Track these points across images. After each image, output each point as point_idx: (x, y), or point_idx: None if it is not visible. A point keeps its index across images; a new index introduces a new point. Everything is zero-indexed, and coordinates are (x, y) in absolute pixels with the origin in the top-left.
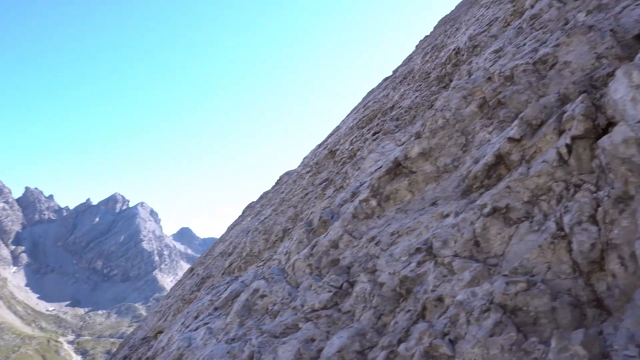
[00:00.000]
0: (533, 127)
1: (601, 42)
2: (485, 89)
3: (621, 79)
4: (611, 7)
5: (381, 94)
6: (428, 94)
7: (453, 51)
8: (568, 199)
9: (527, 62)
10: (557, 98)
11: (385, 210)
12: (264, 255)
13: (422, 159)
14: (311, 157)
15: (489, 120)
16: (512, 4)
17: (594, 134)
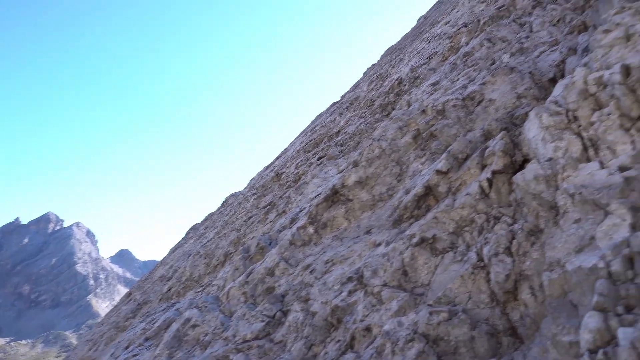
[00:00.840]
0: (459, 160)
1: (521, 83)
2: (420, 121)
3: (534, 119)
4: (531, 51)
5: (328, 118)
6: (372, 121)
7: (396, 81)
8: (488, 230)
9: (457, 98)
10: (481, 133)
11: (322, 237)
12: (204, 280)
13: (358, 187)
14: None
15: (422, 151)
16: (449, 41)
17: (511, 169)
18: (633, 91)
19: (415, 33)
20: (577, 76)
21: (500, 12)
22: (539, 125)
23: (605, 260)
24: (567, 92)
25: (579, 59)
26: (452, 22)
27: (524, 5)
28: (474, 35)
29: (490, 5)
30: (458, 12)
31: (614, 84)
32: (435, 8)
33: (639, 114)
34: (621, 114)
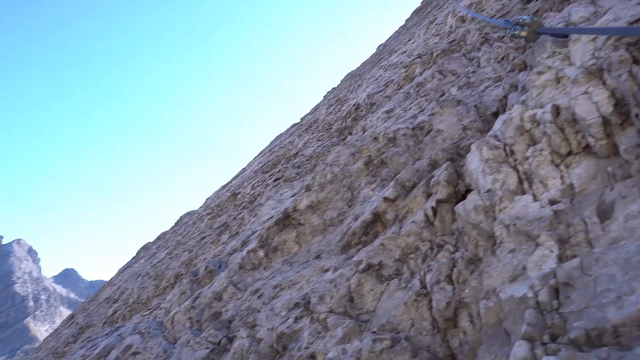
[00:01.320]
0: (406, 188)
1: (467, 115)
2: (372, 148)
3: (475, 152)
4: (477, 86)
5: (287, 139)
6: (329, 144)
7: (353, 106)
8: (432, 258)
9: (407, 127)
10: (428, 162)
11: (272, 261)
12: (152, 303)
13: (310, 212)
14: (214, 199)
15: (373, 177)
16: (405, 70)
17: (455, 198)
18: (562, 130)
19: (374, 60)
20: (515, 113)
21: (452, 46)
22: (480, 158)
23: (534, 290)
24: (505, 127)
25: (518, 95)
26: (408, 53)
27: (474, 41)
28: (427, 67)
29: (443, 39)
30: (414, 43)
31: (545, 122)
32: (394, 37)
33: (567, 151)
34: (552, 150)
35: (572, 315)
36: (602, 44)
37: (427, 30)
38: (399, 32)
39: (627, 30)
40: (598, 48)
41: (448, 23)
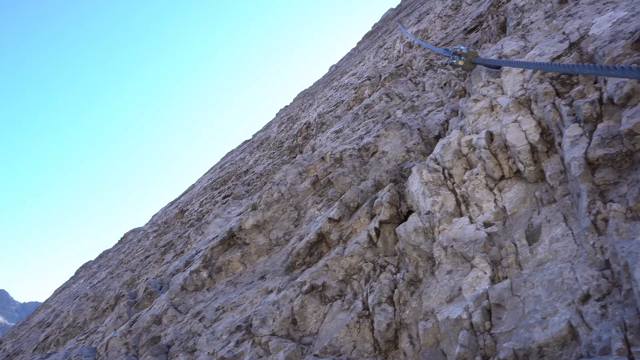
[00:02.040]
0: (351, 209)
1: (410, 138)
2: (319, 168)
3: (415, 174)
4: (421, 109)
5: (238, 156)
6: (280, 162)
7: (304, 125)
8: (374, 279)
9: (353, 148)
10: (373, 183)
11: (216, 282)
12: (89, 326)
13: (256, 231)
14: (161, 215)
15: (320, 197)
16: (354, 91)
17: (397, 219)
18: (495, 155)
19: (326, 80)
20: (453, 137)
21: (399, 70)
22: (420, 181)
23: (468, 312)
24: (444, 151)
25: (458, 121)
26: (359, 74)
27: (419, 66)
28: (376, 89)
29: (392, 62)
30: (364, 66)
31: (480, 148)
32: (346, 59)
33: (500, 176)
34: (486, 174)
35: (503, 336)
36: (530, 76)
37: (376, 54)
38: (351, 54)
39: (548, 66)
40: (526, 80)
41: (396, 48)
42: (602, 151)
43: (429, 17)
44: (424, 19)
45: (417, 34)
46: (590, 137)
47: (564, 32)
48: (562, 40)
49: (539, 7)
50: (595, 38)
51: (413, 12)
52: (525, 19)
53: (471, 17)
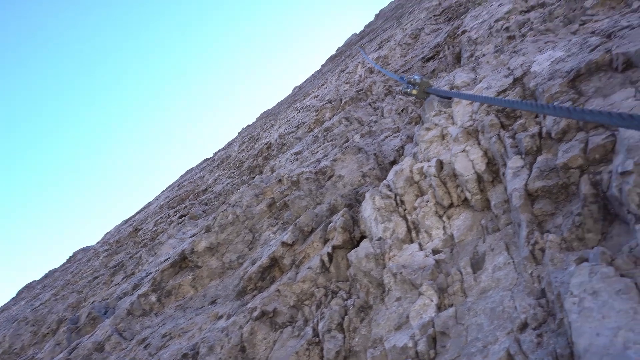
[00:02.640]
0: (305, 233)
1: (367, 163)
2: (275, 190)
3: (368, 200)
4: (378, 135)
5: (198, 175)
6: (239, 182)
7: (265, 145)
8: (325, 305)
9: (310, 171)
10: (328, 208)
11: (165, 306)
12: (27, 353)
13: (209, 254)
14: (114, 234)
15: (275, 220)
16: (316, 114)
17: (350, 245)
18: (444, 183)
19: (289, 101)
20: (405, 164)
21: (360, 95)
22: (372, 206)
23: (414, 340)
24: (396, 178)
25: (412, 148)
26: (320, 97)
27: (379, 92)
28: (336, 112)
29: (353, 87)
30: (326, 89)
31: (430, 176)
32: (309, 80)
33: (449, 203)
34: (436, 202)
35: None
36: (478, 108)
37: (339, 78)
38: (314, 77)
39: (493, 100)
40: (475, 111)
41: (358, 73)
42: (541, 183)
43: (390, 44)
44: (385, 46)
45: (378, 60)
46: (531, 169)
47: (509, 67)
48: (507, 75)
49: (491, 41)
50: (536, 75)
51: (375, 38)
52: (478, 51)
53: (429, 47)
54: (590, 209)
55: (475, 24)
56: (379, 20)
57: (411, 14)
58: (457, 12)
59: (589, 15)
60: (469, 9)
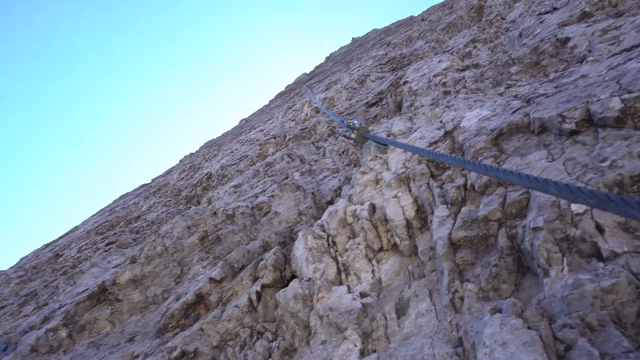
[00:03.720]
0: (235, 269)
1: (304, 201)
2: (209, 223)
3: (301, 239)
4: (317, 174)
5: (132, 200)
6: (174, 211)
7: (206, 175)
8: (250, 346)
9: (247, 206)
10: (261, 244)
11: (76, 343)
12: None
13: (131, 287)
14: (31, 259)
15: (207, 254)
16: (259, 148)
17: (280, 284)
18: (376, 227)
19: (235, 132)
20: (340, 206)
21: (304, 133)
22: (304, 246)
23: None
24: (330, 218)
25: (348, 189)
26: (266, 131)
27: (322, 131)
28: (280, 148)
29: (298, 124)
30: (272, 124)
31: (363, 219)
32: (257, 114)
33: (379, 247)
34: (367, 245)
35: None
36: (410, 157)
37: (285, 114)
38: (263, 110)
39: (422, 151)
40: (408, 159)
41: (304, 111)
42: (463, 233)
43: (337, 87)
44: (332, 88)
45: (324, 100)
46: (455, 219)
47: (442, 121)
48: (439, 127)
49: (429, 94)
50: (464, 130)
51: (324, 79)
52: (417, 101)
53: (373, 93)
54: (506, 260)
55: (416, 76)
56: (329, 62)
57: (359, 60)
58: (401, 64)
59: (514, 80)
60: (412, 62)
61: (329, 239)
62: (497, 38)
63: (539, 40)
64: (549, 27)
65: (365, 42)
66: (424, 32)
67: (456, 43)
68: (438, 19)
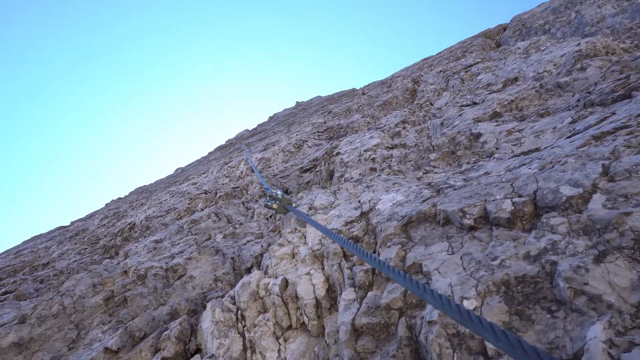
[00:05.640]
0: (135, 339)
1: (222, 266)
2: (117, 282)
3: (209, 311)
4: (240, 238)
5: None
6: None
7: (129, 225)
8: None
9: (161, 267)
10: (169, 311)
11: None
12: None
13: (15, 351)
14: None
15: (110, 317)
16: (189, 202)
17: (183, 357)
18: (286, 304)
19: (169, 181)
20: (253, 278)
21: (235, 192)
22: (211, 319)
23: None
24: (242, 290)
25: (268, 258)
26: (198, 185)
27: (254, 192)
28: (209, 205)
29: (232, 182)
30: (206, 178)
31: (274, 294)
32: (194, 165)
33: (288, 325)
34: (276, 322)
35: None
36: None
37: (220, 169)
38: (200, 162)
39: (330, 234)
40: (324, 236)
41: (240, 169)
42: (367, 319)
43: (275, 148)
44: (270, 149)
45: (261, 160)
46: (361, 304)
47: (360, 200)
48: (357, 207)
49: (359, 167)
50: (379, 213)
51: (265, 138)
52: (347, 173)
53: (309, 159)
54: (404, 351)
55: (348, 149)
56: (272, 122)
57: (300, 125)
58: (337, 133)
59: (432, 166)
60: (347, 133)
61: (238, 312)
62: (424, 122)
63: (456, 132)
64: (466, 120)
65: (308, 107)
66: (362, 106)
67: (388, 121)
68: (376, 95)
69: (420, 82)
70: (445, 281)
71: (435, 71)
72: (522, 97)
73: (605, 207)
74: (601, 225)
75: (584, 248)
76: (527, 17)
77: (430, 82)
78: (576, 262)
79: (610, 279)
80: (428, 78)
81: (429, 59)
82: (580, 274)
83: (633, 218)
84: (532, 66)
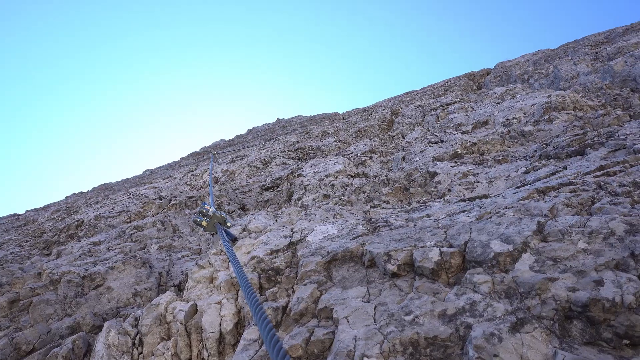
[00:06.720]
0: (21, 353)
1: (146, 280)
2: (27, 285)
3: (103, 332)
4: (176, 252)
5: None
6: (26, 255)
7: (77, 222)
8: None
9: (78, 273)
10: (71, 324)
11: None
12: None
13: None
14: None
15: (10, 322)
16: (142, 206)
17: None
18: (189, 334)
19: (135, 182)
20: (164, 299)
21: (190, 202)
22: (105, 341)
23: None
24: (148, 312)
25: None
26: (158, 189)
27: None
28: (161, 211)
29: (192, 190)
30: (168, 183)
31: (178, 321)
32: (164, 168)
33: (187, 358)
34: (175, 353)
35: None
36: (248, 260)
37: (184, 176)
38: (171, 166)
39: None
40: (246, 262)
41: (203, 178)
42: None
43: (242, 162)
44: (237, 162)
45: (225, 172)
46: (260, 346)
47: (293, 229)
48: (287, 236)
49: (317, 192)
50: (307, 245)
51: (239, 150)
52: (305, 196)
53: (273, 177)
54: None
55: (311, 172)
56: (250, 136)
57: (277, 141)
58: (307, 155)
59: (382, 200)
60: (317, 156)
61: (136, 337)
62: (392, 154)
63: (414, 168)
64: (425, 157)
65: (288, 124)
66: (339, 131)
67: (357, 149)
68: (355, 121)
69: (399, 114)
70: (351, 333)
71: (414, 105)
72: (486, 141)
73: (532, 269)
74: (524, 289)
75: (502, 313)
76: (509, 65)
77: (408, 116)
78: (491, 328)
79: (523, 353)
80: (406, 111)
81: (412, 92)
82: (493, 343)
83: (557, 285)
84: (503, 112)
